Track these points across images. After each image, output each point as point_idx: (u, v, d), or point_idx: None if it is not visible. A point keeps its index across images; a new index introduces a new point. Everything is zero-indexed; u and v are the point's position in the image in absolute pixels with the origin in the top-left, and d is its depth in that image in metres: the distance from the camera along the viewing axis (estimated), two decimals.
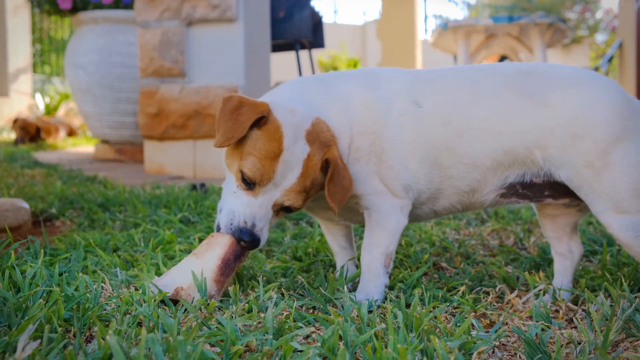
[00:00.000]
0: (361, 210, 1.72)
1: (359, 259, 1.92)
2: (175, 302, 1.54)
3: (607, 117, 1.54)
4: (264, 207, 1.56)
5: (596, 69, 8.83)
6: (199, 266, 1.56)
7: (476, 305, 1.58)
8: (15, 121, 8.27)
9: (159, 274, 1.79)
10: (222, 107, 1.55)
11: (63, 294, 1.48)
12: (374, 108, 1.65)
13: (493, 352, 1.31)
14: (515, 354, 1.31)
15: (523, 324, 1.46)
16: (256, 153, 1.53)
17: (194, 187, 3.51)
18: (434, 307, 1.56)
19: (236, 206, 1.57)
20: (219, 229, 1.59)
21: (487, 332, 1.42)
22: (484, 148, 1.62)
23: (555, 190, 1.66)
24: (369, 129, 1.64)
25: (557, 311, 1.62)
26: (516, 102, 1.60)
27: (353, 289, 1.76)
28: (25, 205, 2.46)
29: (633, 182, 1.53)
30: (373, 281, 1.66)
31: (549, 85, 1.60)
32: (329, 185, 1.54)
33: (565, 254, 1.80)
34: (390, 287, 1.73)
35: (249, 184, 1.54)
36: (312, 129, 1.57)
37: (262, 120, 1.54)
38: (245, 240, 1.54)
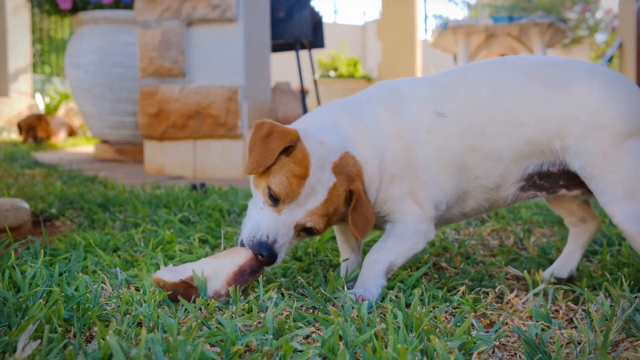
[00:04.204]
0: (383, 225, 1.75)
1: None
2: (175, 301, 1.54)
3: (626, 110, 1.60)
4: (287, 225, 1.57)
5: None
6: (216, 266, 1.57)
7: (476, 305, 1.58)
8: (27, 118, 8.31)
9: None
10: (253, 134, 1.59)
11: (63, 294, 1.48)
12: (403, 133, 1.68)
13: (493, 352, 1.31)
14: (515, 354, 1.31)
15: (523, 324, 1.46)
16: (284, 172, 1.56)
17: (194, 187, 3.51)
18: (434, 307, 1.56)
19: (261, 220, 1.58)
20: (242, 244, 1.60)
21: (487, 332, 1.42)
22: (508, 141, 1.65)
23: (569, 180, 1.69)
24: (401, 155, 1.68)
25: (557, 311, 1.62)
26: (541, 91, 1.64)
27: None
28: (25, 205, 2.46)
29: None
30: (372, 279, 1.66)
31: (574, 74, 1.64)
32: (352, 214, 1.58)
33: (577, 224, 1.84)
34: (390, 287, 1.73)
35: (275, 199, 1.57)
36: (339, 162, 1.60)
37: (290, 148, 1.57)
38: (263, 254, 1.55)
